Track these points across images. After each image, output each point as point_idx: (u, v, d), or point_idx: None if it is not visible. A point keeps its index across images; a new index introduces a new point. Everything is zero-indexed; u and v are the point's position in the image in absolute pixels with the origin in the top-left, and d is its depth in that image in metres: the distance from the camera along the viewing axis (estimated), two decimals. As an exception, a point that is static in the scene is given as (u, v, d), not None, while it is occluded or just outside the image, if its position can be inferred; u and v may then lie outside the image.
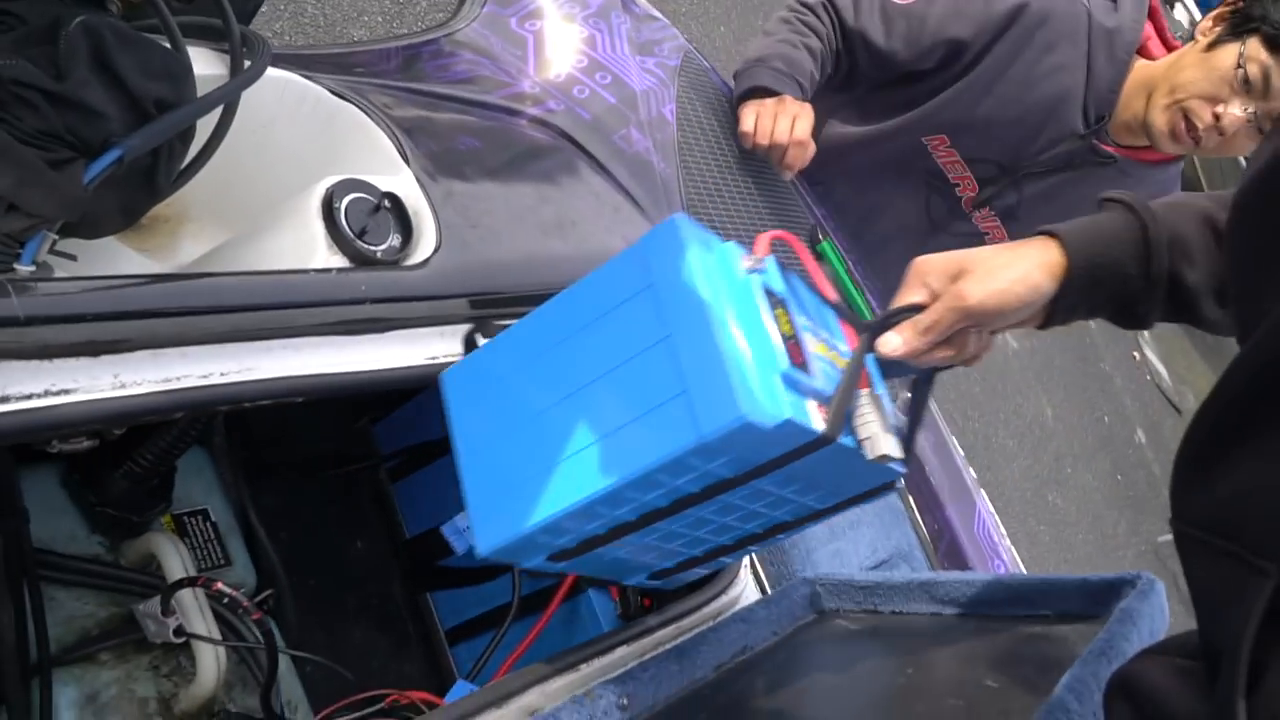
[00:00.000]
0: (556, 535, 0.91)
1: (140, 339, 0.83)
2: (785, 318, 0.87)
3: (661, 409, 0.82)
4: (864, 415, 0.88)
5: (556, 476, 0.87)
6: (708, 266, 0.84)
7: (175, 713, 1.10)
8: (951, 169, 1.85)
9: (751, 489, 0.89)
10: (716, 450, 0.81)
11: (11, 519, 1.01)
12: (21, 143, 0.82)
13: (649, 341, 0.84)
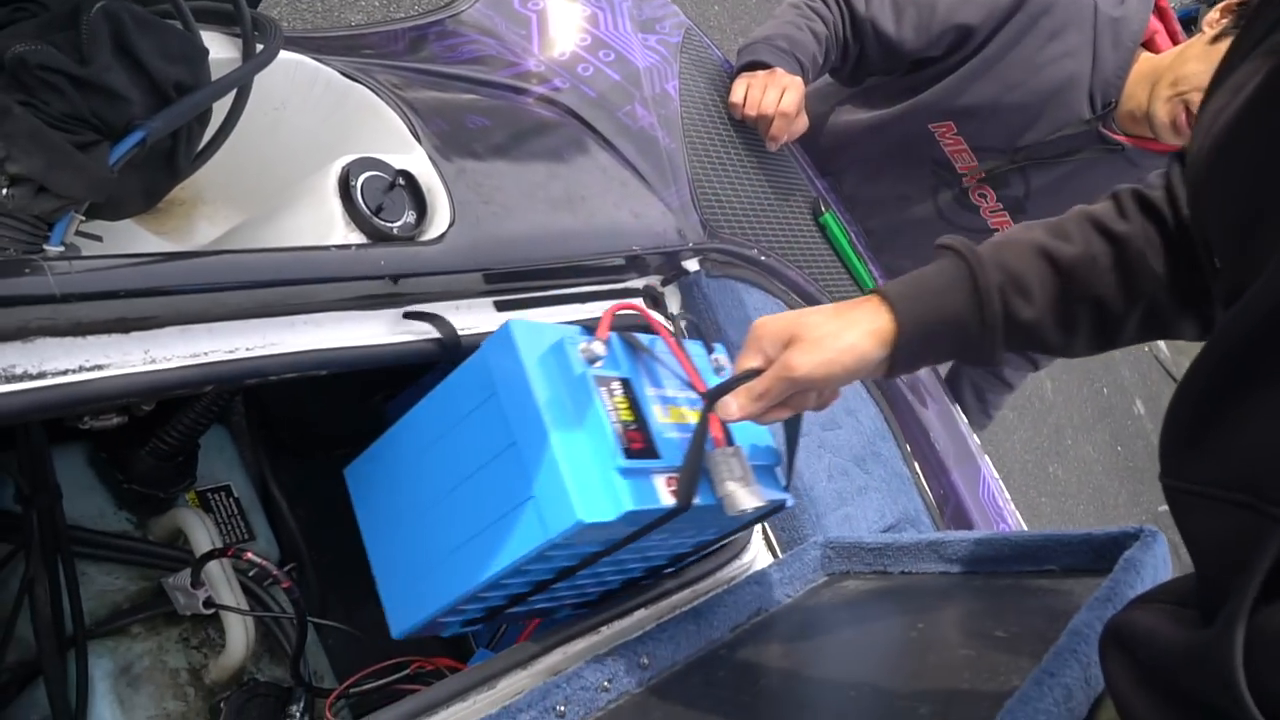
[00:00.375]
0: (458, 615, 1.02)
1: (169, 315, 0.85)
2: (626, 403, 0.95)
3: (517, 510, 0.92)
4: (720, 474, 0.95)
5: (444, 568, 0.98)
6: (545, 369, 0.93)
7: (206, 683, 1.13)
8: (959, 157, 1.87)
9: (632, 549, 0.99)
10: (570, 543, 0.90)
11: (45, 496, 1.03)
12: (49, 126, 0.84)
13: (500, 447, 0.93)
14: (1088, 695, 0.80)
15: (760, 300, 1.50)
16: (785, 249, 1.63)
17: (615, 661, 1.00)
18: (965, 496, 1.71)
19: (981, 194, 1.90)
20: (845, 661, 1.04)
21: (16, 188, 0.85)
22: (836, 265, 1.77)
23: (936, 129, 1.84)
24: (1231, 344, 0.63)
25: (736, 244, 1.52)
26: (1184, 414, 0.68)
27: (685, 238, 1.41)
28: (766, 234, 1.61)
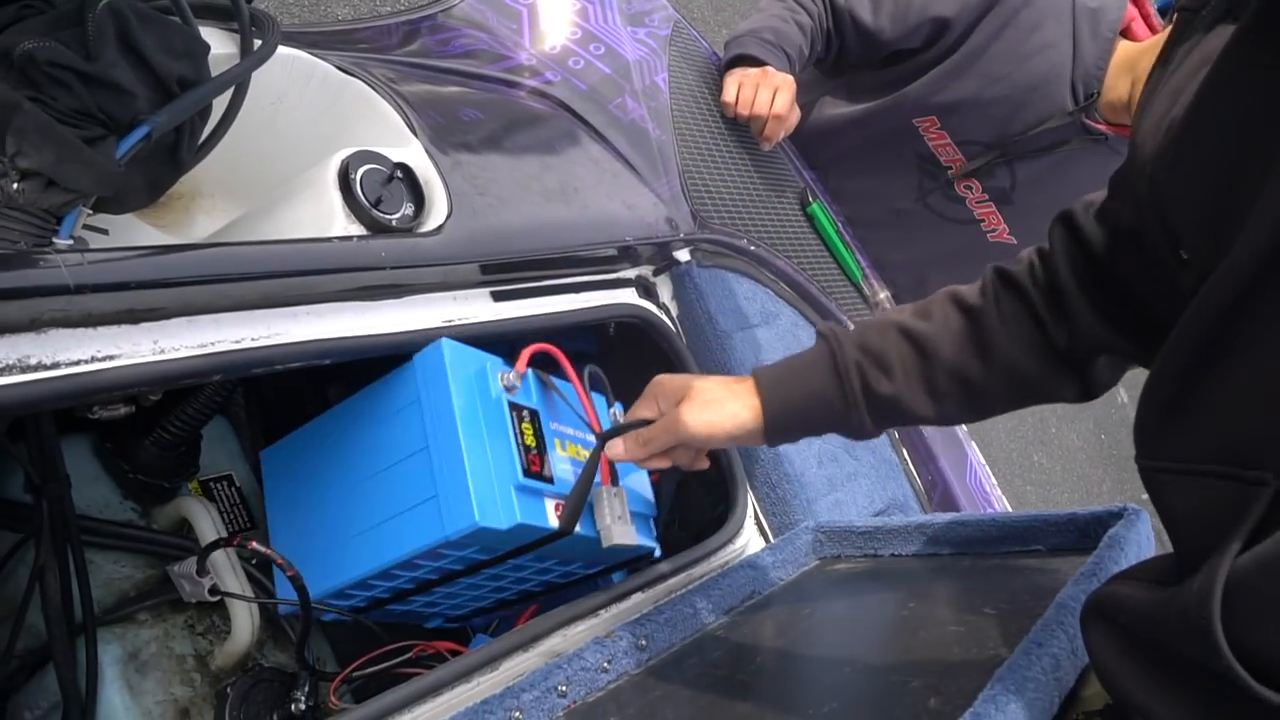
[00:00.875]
0: (348, 598, 1.13)
1: (176, 307, 0.87)
2: (531, 430, 1.08)
3: (420, 507, 1.03)
4: (602, 510, 1.09)
5: (344, 551, 1.09)
6: (466, 387, 1.04)
7: (212, 669, 1.15)
8: (943, 151, 1.89)
9: (511, 566, 1.12)
10: (463, 544, 1.02)
11: (55, 485, 1.05)
12: (58, 122, 0.86)
13: (414, 448, 1.05)
14: (1074, 665, 0.82)
15: (750, 289, 1.52)
16: (774, 239, 1.65)
17: (615, 643, 1.02)
18: (953, 482, 1.74)
19: (967, 186, 1.92)
20: (838, 640, 1.06)
21: (27, 182, 0.86)
22: (824, 255, 1.80)
23: (920, 123, 1.87)
24: (1202, 320, 0.65)
25: (727, 234, 1.54)
26: (1159, 395, 0.70)
27: (676, 228, 1.44)
28: (756, 224, 1.64)
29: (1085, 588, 0.88)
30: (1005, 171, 1.87)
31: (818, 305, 1.66)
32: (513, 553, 1.09)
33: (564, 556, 1.16)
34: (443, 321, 1.07)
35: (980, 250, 1.98)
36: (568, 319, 1.23)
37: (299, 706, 1.08)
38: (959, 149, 1.87)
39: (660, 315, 1.36)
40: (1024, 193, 1.88)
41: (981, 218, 1.95)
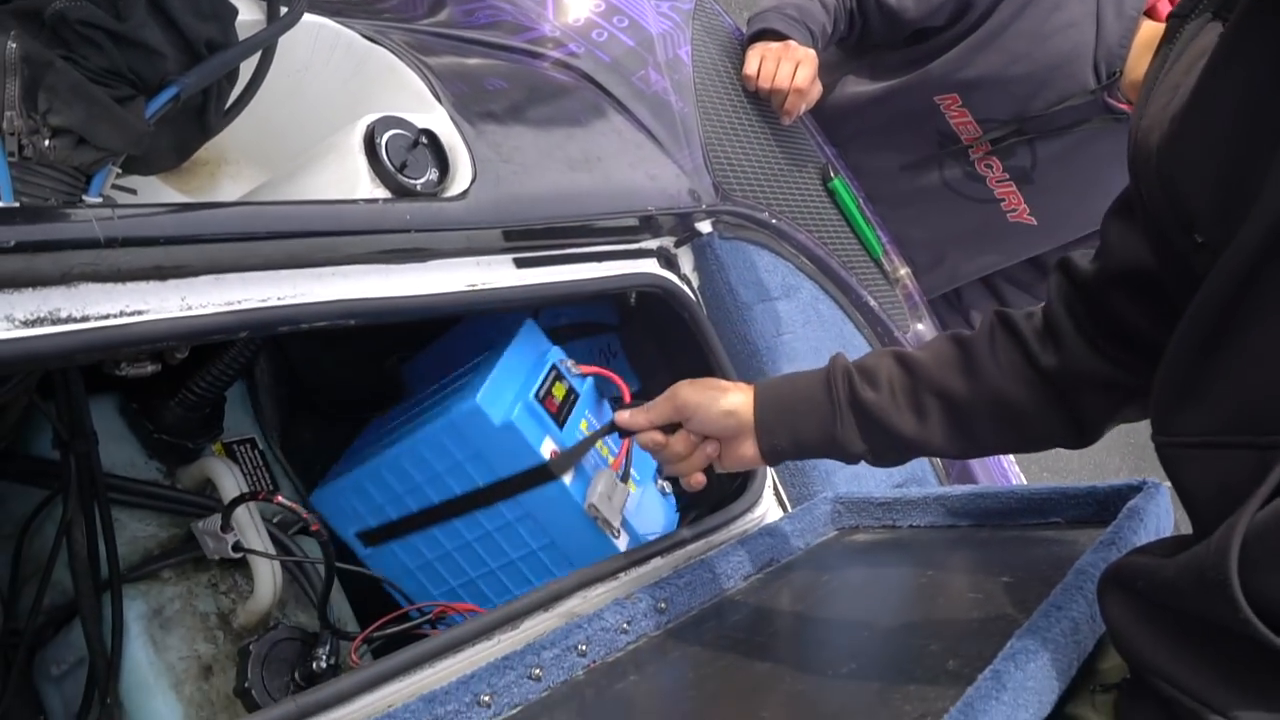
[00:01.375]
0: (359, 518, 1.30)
1: (203, 264, 0.88)
2: (563, 392, 1.22)
3: (440, 404, 1.22)
4: (598, 484, 1.16)
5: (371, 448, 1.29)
6: (530, 341, 1.25)
7: (234, 627, 1.17)
8: (964, 129, 1.88)
9: (499, 523, 1.23)
10: (462, 431, 1.16)
11: (83, 441, 1.06)
12: (89, 80, 0.87)
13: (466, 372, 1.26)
14: (1093, 631, 0.83)
15: (771, 262, 1.52)
16: (796, 213, 1.65)
17: (634, 605, 1.03)
18: (971, 460, 1.74)
19: (988, 164, 1.91)
20: (856, 605, 1.07)
21: (58, 139, 0.87)
22: (845, 230, 1.80)
23: (941, 101, 1.86)
24: (1217, 294, 0.66)
25: (748, 207, 1.54)
26: (1175, 370, 0.71)
27: (699, 199, 1.44)
28: (777, 197, 1.64)
29: (1104, 556, 0.88)
30: (1026, 150, 1.86)
31: (838, 280, 1.66)
32: (501, 487, 1.18)
33: (544, 520, 1.21)
34: (466, 286, 1.08)
35: (999, 230, 1.97)
36: (589, 287, 1.24)
37: (320, 665, 1.09)
38: (980, 127, 1.86)
39: (682, 286, 1.37)
40: (1045, 172, 1.87)
41: (1002, 197, 1.94)
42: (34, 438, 1.18)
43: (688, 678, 0.93)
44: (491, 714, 0.83)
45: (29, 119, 0.85)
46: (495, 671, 0.86)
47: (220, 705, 1.11)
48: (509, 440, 1.14)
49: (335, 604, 1.30)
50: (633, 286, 1.31)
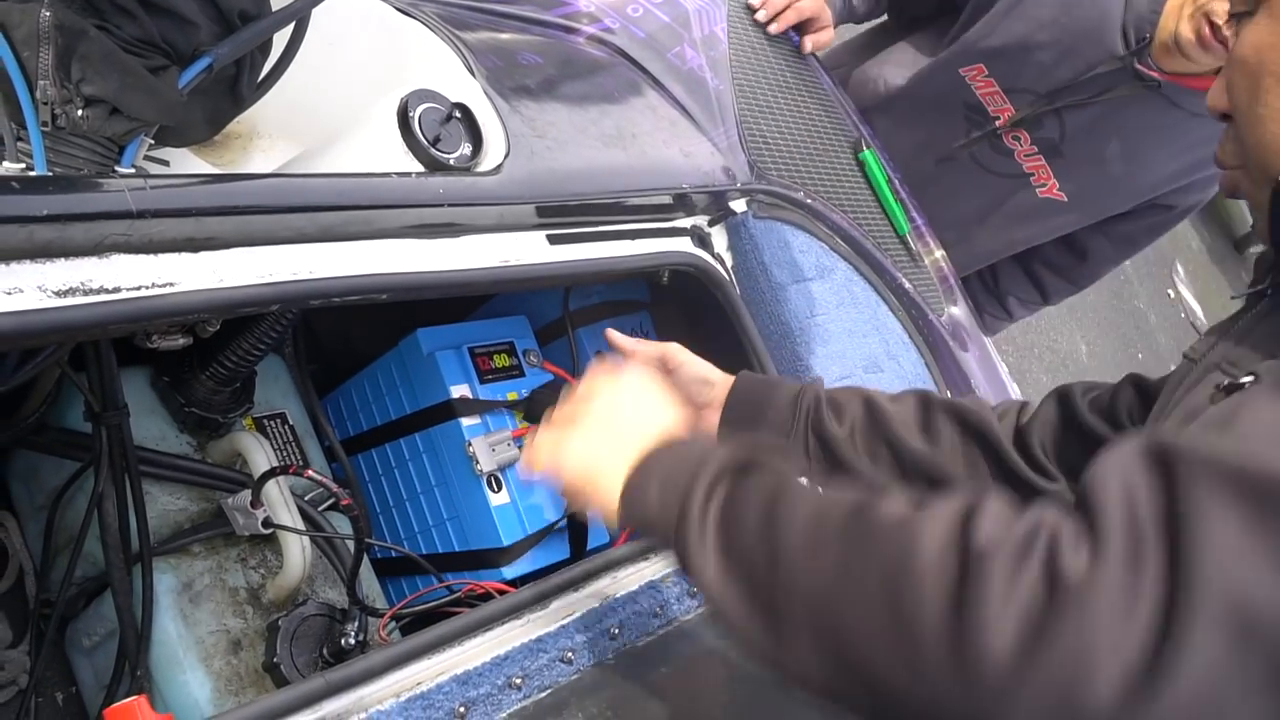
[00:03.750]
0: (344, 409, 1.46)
1: (235, 236, 0.87)
2: (507, 362, 1.38)
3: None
4: (493, 435, 1.29)
5: None
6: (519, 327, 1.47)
7: (264, 602, 1.17)
8: (990, 100, 1.85)
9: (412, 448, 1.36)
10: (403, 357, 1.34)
11: (115, 413, 1.06)
12: (123, 50, 0.86)
13: None
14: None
15: (805, 242, 1.50)
16: (830, 192, 1.63)
17: (669, 589, 1.02)
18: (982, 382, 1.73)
19: (1015, 137, 1.87)
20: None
21: (91, 109, 0.86)
22: (876, 208, 1.77)
23: (967, 73, 1.83)
24: None
25: (783, 185, 1.52)
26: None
27: (733, 178, 1.42)
28: (812, 176, 1.62)
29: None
30: (1054, 122, 1.82)
31: (873, 261, 1.64)
32: (415, 418, 1.34)
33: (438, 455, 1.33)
34: (499, 261, 1.07)
35: (1028, 207, 1.94)
36: (622, 265, 1.22)
37: (349, 641, 1.08)
38: (1007, 98, 1.82)
39: (715, 265, 1.35)
40: (1074, 143, 1.83)
41: (1030, 171, 1.90)
42: (66, 410, 1.18)
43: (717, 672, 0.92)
44: (522, 696, 0.83)
45: (62, 88, 0.85)
46: (528, 654, 0.85)
47: (249, 680, 1.11)
48: (429, 371, 1.32)
49: (364, 580, 1.29)
50: (665, 265, 1.29)
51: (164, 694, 1.09)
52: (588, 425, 0.86)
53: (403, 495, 1.41)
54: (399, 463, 1.40)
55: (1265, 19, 0.74)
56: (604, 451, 0.83)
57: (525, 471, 1.16)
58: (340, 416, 1.49)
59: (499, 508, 1.29)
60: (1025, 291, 2.18)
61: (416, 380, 1.36)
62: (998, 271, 2.17)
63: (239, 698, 1.10)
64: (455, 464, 1.31)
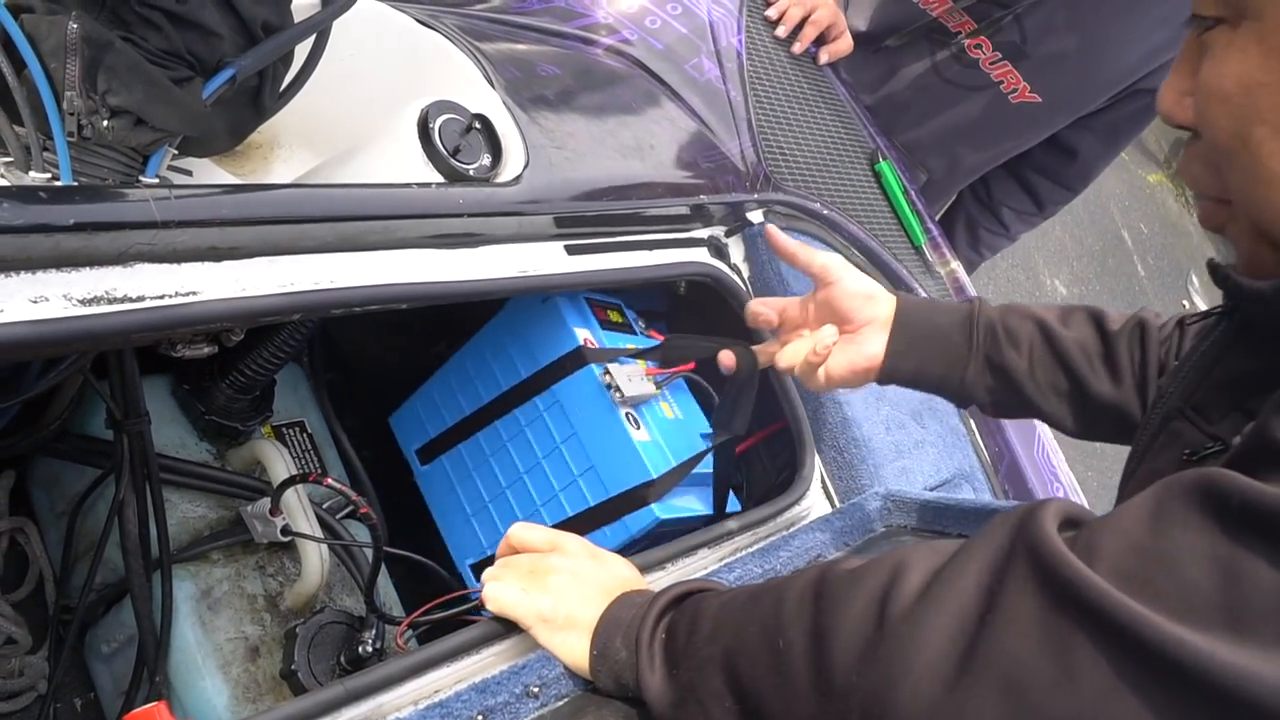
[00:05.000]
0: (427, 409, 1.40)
1: (257, 246, 0.88)
2: (620, 317, 1.34)
3: None
4: (627, 367, 1.25)
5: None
6: None
7: (282, 609, 1.17)
8: (948, 18, 1.84)
9: (533, 411, 1.31)
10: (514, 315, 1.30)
11: (137, 420, 1.07)
12: (148, 61, 0.87)
13: None
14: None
15: (822, 254, 1.50)
16: (846, 202, 1.64)
17: (682, 596, 1.02)
18: (1020, 455, 1.72)
19: (977, 46, 1.85)
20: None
21: (116, 119, 0.87)
22: (894, 220, 1.78)
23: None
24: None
25: (800, 196, 1.52)
26: None
27: (750, 189, 1.42)
28: (828, 187, 1.62)
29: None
30: (1014, 25, 1.80)
31: (889, 271, 1.64)
32: (539, 377, 1.29)
33: (569, 406, 1.27)
34: (517, 272, 1.07)
35: (1006, 116, 1.92)
36: (639, 275, 1.23)
37: (366, 649, 1.09)
38: (964, 11, 1.81)
39: (732, 275, 1.35)
40: (1036, 43, 1.82)
41: (1000, 79, 1.87)
42: (88, 417, 1.19)
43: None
44: (539, 704, 0.83)
45: (88, 99, 0.86)
46: (545, 662, 0.85)
47: (266, 687, 1.12)
48: (550, 319, 1.27)
49: (381, 588, 1.30)
50: (683, 275, 1.30)
51: (182, 700, 1.10)
52: (559, 578, 0.89)
53: (523, 468, 1.34)
54: (516, 435, 1.34)
55: (1254, 45, 0.60)
56: (575, 602, 0.87)
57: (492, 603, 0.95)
58: (432, 407, 1.43)
59: (643, 443, 1.24)
60: (1019, 201, 2.16)
61: (535, 335, 1.29)
62: (989, 183, 2.15)
63: (256, 705, 1.10)
64: (590, 410, 1.27)
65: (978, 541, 0.61)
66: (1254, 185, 0.62)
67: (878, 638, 0.61)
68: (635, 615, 0.83)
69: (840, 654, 0.63)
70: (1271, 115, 0.59)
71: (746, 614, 0.74)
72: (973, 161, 2.04)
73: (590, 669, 0.84)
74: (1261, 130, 0.60)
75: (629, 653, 0.81)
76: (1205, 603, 0.50)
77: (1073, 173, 2.09)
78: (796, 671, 0.66)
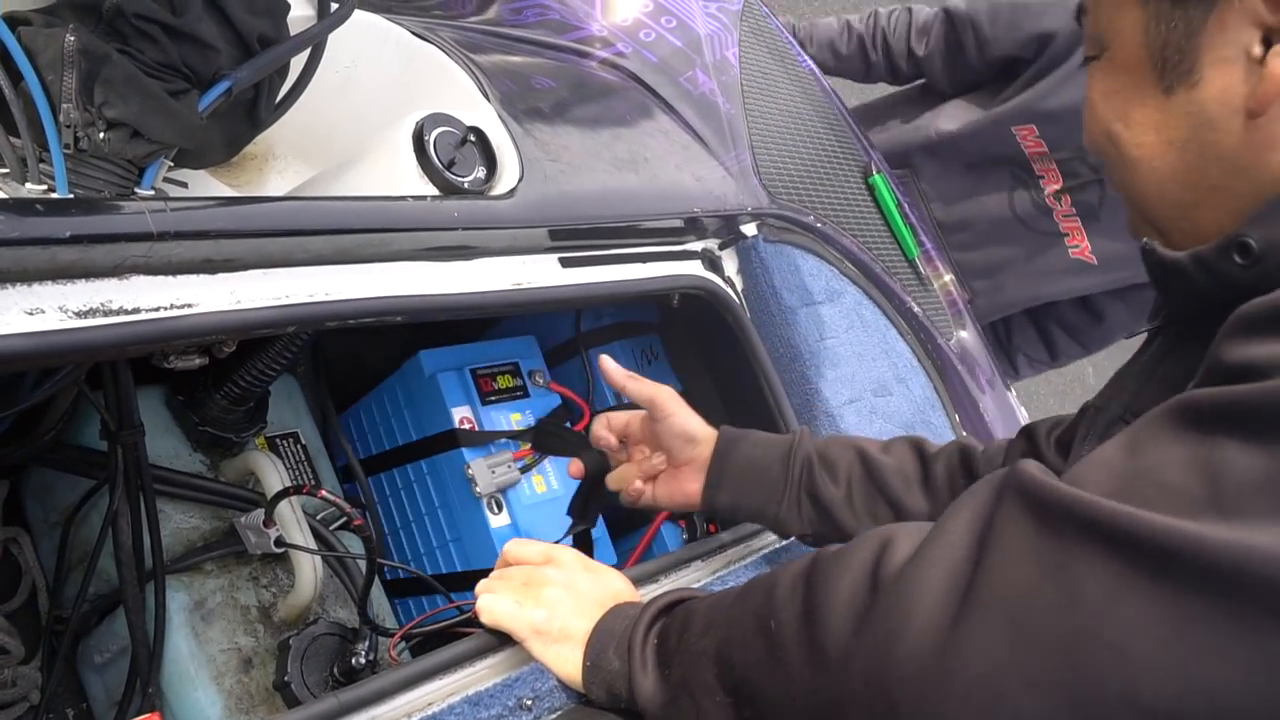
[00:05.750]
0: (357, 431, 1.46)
1: (252, 258, 0.88)
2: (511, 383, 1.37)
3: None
4: (492, 457, 1.29)
5: None
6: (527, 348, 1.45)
7: (275, 621, 1.17)
8: (1037, 160, 1.88)
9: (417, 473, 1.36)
10: (406, 379, 1.34)
11: (131, 431, 1.07)
12: (144, 74, 0.87)
13: None
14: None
15: (815, 266, 1.51)
16: (840, 216, 1.64)
17: (674, 609, 1.02)
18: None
19: (1057, 197, 1.90)
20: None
21: (112, 132, 0.88)
22: (887, 233, 1.78)
23: (1019, 131, 1.86)
24: None
25: (794, 210, 1.53)
26: None
27: (744, 202, 1.43)
28: (822, 200, 1.63)
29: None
30: (1095, 188, 1.85)
31: (882, 285, 1.65)
32: (419, 445, 1.34)
33: (440, 480, 1.33)
34: (511, 284, 1.08)
35: (1060, 266, 1.98)
36: (633, 288, 1.23)
37: (359, 661, 1.09)
38: (1054, 160, 1.85)
39: (725, 289, 1.36)
40: (1110, 211, 1.87)
41: (1066, 231, 1.93)
42: (82, 428, 1.19)
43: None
44: (533, 718, 0.83)
45: (85, 111, 0.86)
46: (539, 675, 0.86)
47: (259, 698, 1.12)
48: (431, 393, 1.32)
49: (374, 601, 1.30)
50: (677, 288, 1.30)
51: (175, 711, 1.10)
52: (553, 591, 0.90)
53: (409, 517, 1.41)
54: (405, 486, 1.40)
55: (1109, 65, 0.74)
56: (569, 615, 0.88)
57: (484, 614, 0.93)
58: (350, 438, 1.49)
59: (498, 529, 1.28)
60: (1034, 350, 2.22)
61: (420, 403, 1.36)
62: (1011, 326, 2.20)
63: (249, 716, 1.10)
64: (457, 487, 1.31)
65: (963, 500, 0.64)
66: (1126, 174, 0.75)
67: (871, 601, 0.63)
68: (627, 625, 0.84)
69: (835, 624, 0.64)
70: (1122, 113, 0.73)
71: (738, 606, 0.76)
72: (1013, 294, 2.08)
73: (583, 681, 0.84)
74: (1118, 126, 0.74)
75: (621, 662, 0.82)
76: (1192, 499, 0.52)
77: (1095, 335, 2.17)
78: (790, 652, 0.67)
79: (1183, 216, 0.73)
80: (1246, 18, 0.64)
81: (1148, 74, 0.70)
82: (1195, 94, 0.68)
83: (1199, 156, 0.69)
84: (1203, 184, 0.70)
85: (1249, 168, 0.66)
